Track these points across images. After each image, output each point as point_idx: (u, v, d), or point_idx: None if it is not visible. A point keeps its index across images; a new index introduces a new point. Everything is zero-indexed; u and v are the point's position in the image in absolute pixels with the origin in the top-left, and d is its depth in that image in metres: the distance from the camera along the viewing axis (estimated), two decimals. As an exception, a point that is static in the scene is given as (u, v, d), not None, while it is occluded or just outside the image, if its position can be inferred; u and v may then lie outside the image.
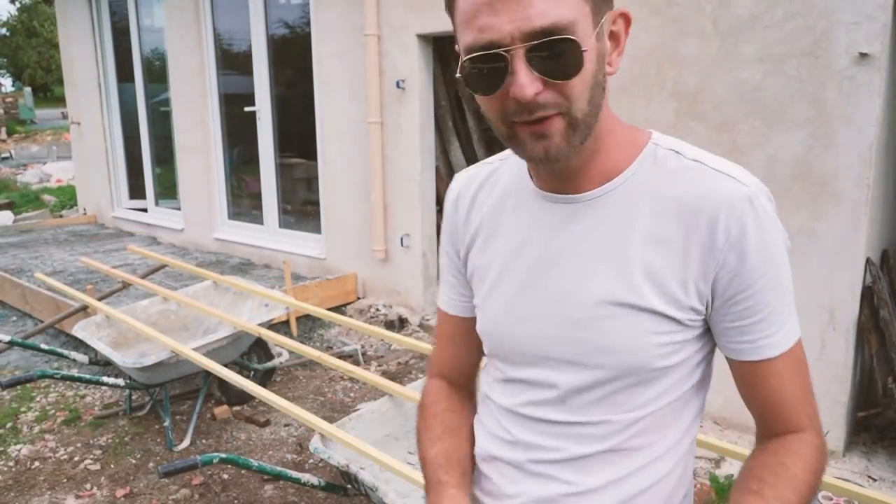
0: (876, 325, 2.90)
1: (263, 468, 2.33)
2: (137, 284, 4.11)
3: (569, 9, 0.72)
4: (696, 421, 0.92)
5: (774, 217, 0.81)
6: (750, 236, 0.78)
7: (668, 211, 0.81)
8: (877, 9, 2.67)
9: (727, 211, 0.78)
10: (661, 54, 3.26)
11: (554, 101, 0.74)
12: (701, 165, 0.82)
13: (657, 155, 0.84)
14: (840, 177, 2.84)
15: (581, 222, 0.85)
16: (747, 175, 0.82)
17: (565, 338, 0.86)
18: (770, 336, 0.82)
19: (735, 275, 0.80)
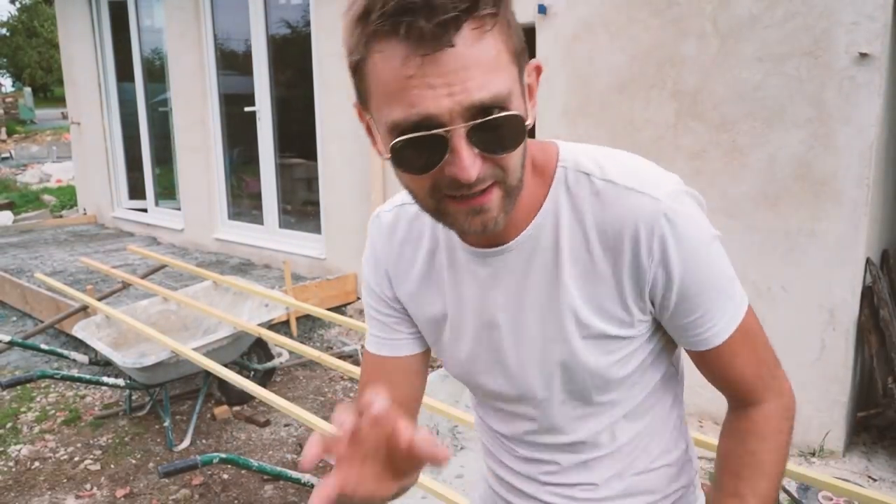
0: (876, 324, 2.90)
1: (263, 468, 2.33)
2: (137, 285, 4.11)
3: (504, 78, 0.67)
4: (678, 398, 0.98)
5: (694, 217, 0.80)
6: (671, 253, 0.78)
7: (591, 242, 0.81)
8: (877, 9, 2.67)
9: (646, 231, 0.78)
10: (661, 54, 3.26)
11: (491, 174, 0.71)
12: (612, 186, 0.79)
13: (568, 181, 0.82)
14: (840, 177, 2.84)
15: (512, 273, 0.85)
16: (660, 181, 0.80)
17: (530, 385, 0.89)
18: (712, 327, 0.84)
19: (666, 288, 0.81)
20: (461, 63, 0.64)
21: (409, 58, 0.64)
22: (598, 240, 0.80)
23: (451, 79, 0.64)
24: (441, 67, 0.64)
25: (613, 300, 0.82)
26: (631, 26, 3.33)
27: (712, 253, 0.81)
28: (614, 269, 0.81)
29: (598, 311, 0.83)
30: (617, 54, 3.38)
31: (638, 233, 0.78)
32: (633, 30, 3.32)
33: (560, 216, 0.81)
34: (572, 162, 0.82)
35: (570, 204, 0.81)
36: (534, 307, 0.85)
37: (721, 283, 0.83)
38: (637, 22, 3.31)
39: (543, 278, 0.83)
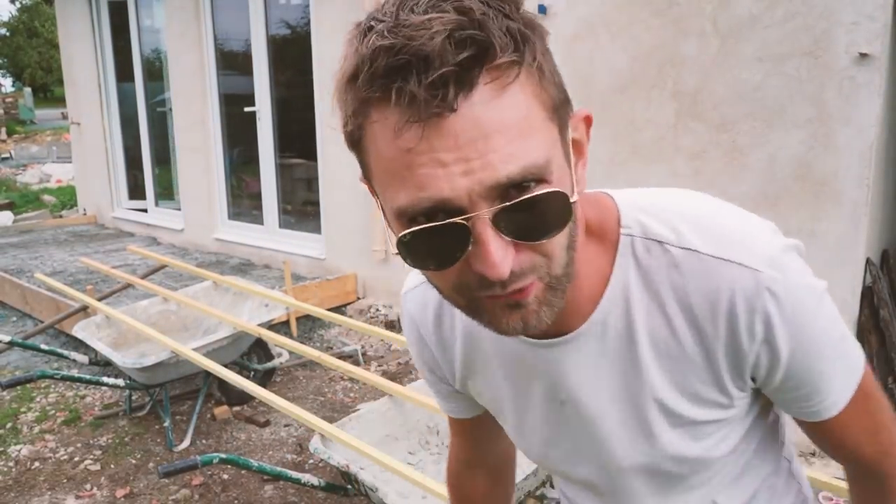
0: (876, 325, 2.90)
1: (263, 468, 2.33)
2: (137, 285, 4.11)
3: (539, 142, 0.53)
4: (786, 444, 0.87)
5: (801, 281, 0.66)
6: (777, 330, 0.65)
7: (674, 321, 0.67)
8: (877, 9, 2.67)
9: (745, 309, 0.64)
10: (661, 54, 3.26)
11: (531, 266, 0.57)
12: (695, 255, 0.65)
13: (636, 252, 0.67)
14: (840, 177, 2.83)
15: (580, 364, 0.72)
16: (755, 244, 0.65)
17: (612, 478, 0.79)
18: (824, 399, 0.71)
19: (771, 367, 0.68)
20: (478, 130, 0.50)
21: (406, 128, 0.51)
22: (682, 318, 0.67)
23: (467, 152, 0.50)
24: (451, 138, 0.50)
25: (707, 384, 0.70)
26: (631, 26, 3.33)
27: (823, 316, 0.68)
28: (706, 351, 0.67)
29: (689, 398, 0.71)
30: (617, 54, 3.38)
31: (734, 311, 0.64)
32: (634, 30, 3.32)
33: (632, 294, 0.68)
34: (638, 227, 0.67)
35: (641, 279, 0.67)
36: (610, 400, 0.73)
37: (834, 348, 0.69)
38: (637, 22, 3.31)
39: (618, 368, 0.71)
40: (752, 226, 0.67)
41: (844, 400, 0.72)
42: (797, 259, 0.67)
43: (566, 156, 0.57)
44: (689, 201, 0.70)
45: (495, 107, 0.51)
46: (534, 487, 2.17)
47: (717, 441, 0.74)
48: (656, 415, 0.72)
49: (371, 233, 4.72)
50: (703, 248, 0.65)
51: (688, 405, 0.71)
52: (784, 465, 0.87)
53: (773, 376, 0.69)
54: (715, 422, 0.73)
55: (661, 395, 0.71)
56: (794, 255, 0.67)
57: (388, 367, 4.08)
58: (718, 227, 0.66)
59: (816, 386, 0.70)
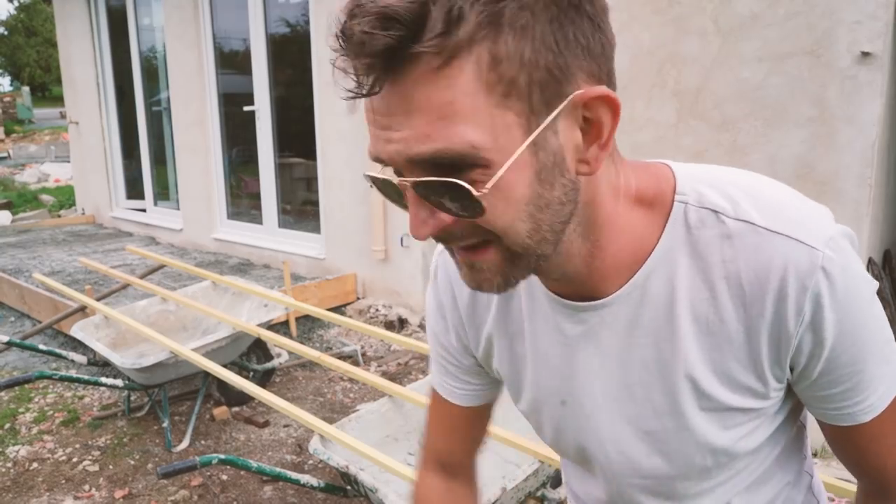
0: (878, 325, 2.89)
1: (262, 469, 2.32)
2: (136, 285, 4.09)
3: (465, 128, 0.52)
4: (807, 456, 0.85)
5: (857, 268, 0.64)
6: (827, 315, 0.63)
7: (720, 296, 0.65)
8: (879, 7, 2.66)
9: (797, 287, 0.62)
10: (662, 53, 3.25)
11: (474, 232, 0.58)
12: (751, 227, 0.63)
13: (689, 220, 0.65)
14: (842, 176, 2.83)
15: (612, 330, 0.70)
16: (813, 223, 0.63)
17: (630, 462, 0.76)
18: (861, 402, 0.68)
19: (812, 356, 0.65)
20: (404, 106, 0.53)
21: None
22: (728, 294, 0.64)
23: (393, 123, 0.54)
24: (386, 108, 0.54)
25: (745, 367, 0.67)
26: (632, 25, 3.32)
27: (874, 312, 0.65)
28: (748, 331, 0.65)
29: (724, 380, 0.68)
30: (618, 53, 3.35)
31: (786, 288, 0.62)
32: (634, 28, 3.31)
33: (677, 263, 0.66)
34: (695, 195, 0.65)
35: (691, 248, 0.65)
36: (639, 372, 0.70)
37: (880, 349, 0.66)
38: (638, 20, 3.30)
39: (653, 338, 0.69)
40: (812, 207, 0.66)
41: (881, 406, 0.68)
42: (852, 248, 0.65)
43: (535, 141, 0.55)
44: (750, 177, 0.68)
45: (427, 84, 0.52)
46: (534, 488, 2.16)
47: (745, 434, 0.71)
48: (687, 393, 0.69)
49: (371, 233, 4.71)
50: (760, 220, 0.63)
51: (721, 388, 0.68)
52: (805, 479, 0.84)
53: (812, 366, 0.66)
54: (746, 411, 0.70)
55: (695, 373, 0.68)
56: (849, 243, 0.65)
57: (387, 367, 4.07)
58: (778, 203, 0.64)
59: (855, 385, 0.67)
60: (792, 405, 0.75)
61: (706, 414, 0.70)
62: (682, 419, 0.70)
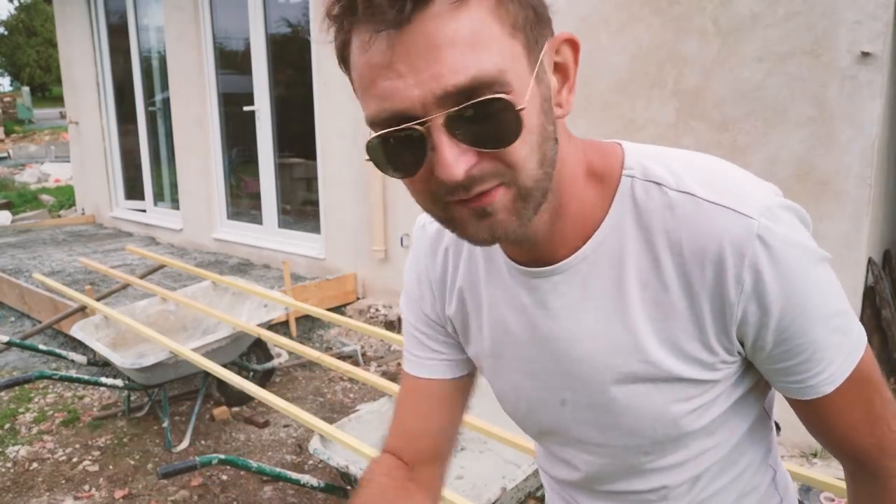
0: (878, 325, 2.89)
1: (262, 469, 2.32)
2: (136, 285, 4.09)
3: (491, 55, 0.55)
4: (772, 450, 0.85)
5: (796, 237, 0.65)
6: (768, 283, 0.64)
7: (663, 265, 0.67)
8: (878, 7, 2.66)
9: (734, 256, 0.63)
10: (662, 53, 3.25)
11: (493, 172, 0.59)
12: (691, 198, 0.65)
13: (636, 192, 0.68)
14: (842, 176, 2.83)
15: (564, 297, 0.72)
16: (751, 195, 0.65)
17: (585, 422, 0.77)
18: (819, 374, 0.69)
19: (760, 326, 0.66)
20: (431, 42, 0.54)
21: (372, 41, 0.56)
22: (671, 263, 0.66)
23: (419, 63, 0.54)
24: (407, 51, 0.54)
25: (691, 337, 0.68)
26: (632, 25, 3.31)
27: (820, 280, 0.66)
28: (691, 301, 0.67)
29: (671, 349, 0.69)
30: (618, 53, 3.37)
31: (723, 257, 0.64)
32: (634, 29, 3.31)
33: (625, 233, 0.68)
34: (640, 169, 0.68)
35: (637, 219, 0.68)
36: (589, 339, 0.72)
37: (832, 318, 0.67)
38: (638, 21, 3.30)
39: (602, 307, 0.70)
40: (755, 182, 0.68)
41: (841, 377, 0.69)
42: (794, 218, 0.66)
43: (536, 74, 0.59)
44: (695, 154, 0.71)
45: (448, 21, 0.54)
46: (534, 488, 2.16)
47: (695, 408, 0.72)
48: (636, 362, 0.70)
49: (371, 233, 4.71)
50: (700, 192, 0.65)
51: (669, 357, 0.69)
52: (769, 472, 0.84)
53: (762, 338, 0.67)
54: (695, 382, 0.70)
55: (643, 343, 0.69)
56: (791, 214, 0.66)
57: (387, 367, 4.07)
58: (720, 177, 0.67)
59: (811, 357, 0.68)
60: (750, 385, 0.76)
61: (656, 385, 0.70)
62: (631, 388, 0.71)
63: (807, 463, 2.92)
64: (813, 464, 2.92)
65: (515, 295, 0.76)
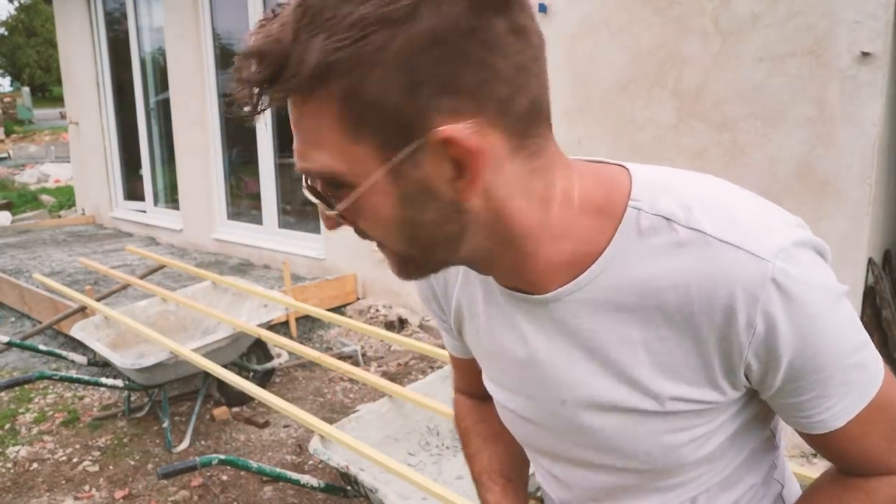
0: (878, 325, 2.89)
1: (263, 469, 2.32)
2: (136, 285, 4.09)
3: (324, 156, 0.59)
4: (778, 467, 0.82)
5: (815, 277, 0.61)
6: (781, 328, 0.61)
7: (668, 305, 0.63)
8: (879, 7, 2.66)
9: (746, 301, 0.60)
10: (662, 54, 3.25)
11: (367, 235, 0.64)
12: (702, 237, 0.62)
13: (641, 226, 0.64)
14: (842, 177, 2.83)
15: (555, 329, 0.70)
16: (767, 234, 0.61)
17: (577, 446, 0.76)
18: (829, 408, 0.65)
19: (769, 368, 0.64)
20: (294, 124, 0.61)
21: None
22: (677, 303, 0.63)
23: (295, 134, 0.62)
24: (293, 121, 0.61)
25: (696, 375, 0.66)
26: (632, 25, 3.32)
27: (838, 319, 0.62)
28: (696, 341, 0.64)
29: (674, 384, 0.66)
30: (618, 53, 3.37)
31: (734, 301, 0.60)
32: (635, 29, 3.31)
33: (626, 268, 0.65)
34: (648, 201, 0.65)
35: (639, 255, 0.64)
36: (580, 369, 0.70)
37: (849, 355, 0.64)
38: (638, 21, 3.30)
39: (599, 339, 0.68)
40: (770, 215, 0.64)
41: (853, 411, 0.66)
42: (814, 256, 0.62)
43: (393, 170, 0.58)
44: (710, 184, 0.67)
45: (298, 112, 0.59)
46: (534, 489, 2.16)
47: (696, 438, 0.69)
48: (635, 396, 0.68)
49: (370, 233, 4.71)
50: (711, 230, 0.62)
51: (670, 386, 0.67)
52: (775, 487, 0.82)
53: (771, 378, 0.64)
54: (696, 413, 0.68)
55: (642, 376, 0.67)
56: (809, 251, 0.62)
57: (387, 367, 4.07)
58: (732, 212, 0.63)
59: (822, 393, 0.64)
60: (756, 410, 0.73)
61: (653, 415, 0.68)
62: (626, 418, 0.70)
63: (807, 463, 2.91)
64: (813, 464, 2.92)
65: (507, 317, 0.75)
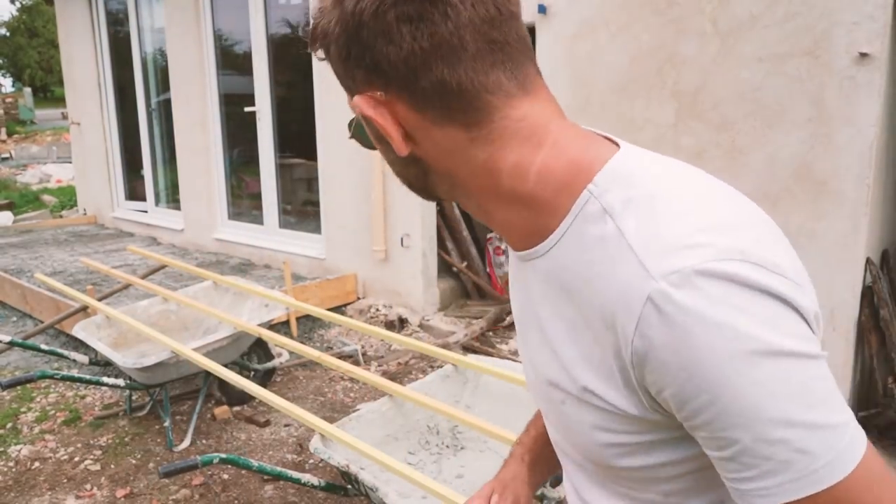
0: (876, 325, 2.89)
1: (263, 468, 2.33)
2: (137, 285, 4.10)
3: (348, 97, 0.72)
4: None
5: (707, 311, 0.53)
6: (660, 356, 0.55)
7: (583, 297, 0.62)
8: (877, 8, 2.67)
9: (625, 315, 0.57)
10: (661, 54, 3.26)
11: None
12: (619, 237, 0.58)
13: (587, 211, 0.62)
14: (840, 177, 2.83)
15: (528, 286, 0.72)
16: (676, 251, 0.55)
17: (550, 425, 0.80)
18: (750, 480, 0.56)
19: (670, 395, 0.57)
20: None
21: None
22: (589, 298, 0.61)
23: None
24: None
25: (607, 374, 0.62)
26: (631, 26, 3.32)
27: (751, 378, 0.53)
28: (603, 343, 0.61)
29: (589, 370, 0.64)
30: (617, 54, 3.38)
31: (616, 312, 0.58)
32: (634, 29, 3.32)
33: (565, 250, 0.64)
34: (602, 189, 0.62)
35: (578, 239, 0.63)
36: (537, 329, 0.71)
37: (763, 427, 0.54)
38: (637, 21, 3.31)
39: (542, 310, 0.69)
40: (712, 236, 0.56)
41: (782, 497, 0.55)
42: (736, 292, 0.53)
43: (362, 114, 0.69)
44: (688, 185, 0.64)
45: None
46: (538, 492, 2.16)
47: (620, 444, 0.65)
48: (566, 380, 0.67)
49: (371, 233, 4.72)
50: (631, 233, 0.58)
51: (592, 382, 0.64)
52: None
53: (674, 407, 0.58)
54: (616, 415, 0.63)
55: (566, 359, 0.66)
56: (727, 286, 0.53)
57: (388, 367, 4.08)
58: (668, 221, 0.57)
59: (735, 458, 0.56)
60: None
61: (578, 402, 0.66)
62: (567, 400, 0.68)
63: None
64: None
65: (512, 273, 0.79)
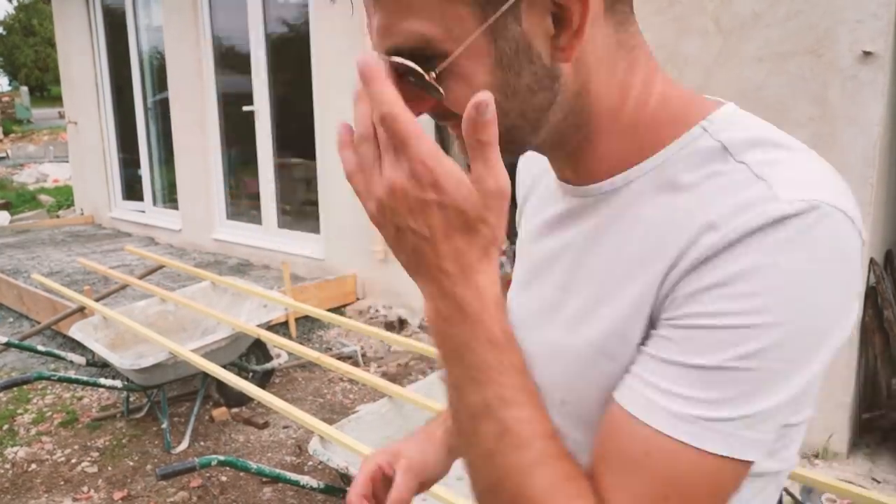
0: (880, 325, 2.88)
1: (262, 470, 2.31)
2: (135, 285, 4.08)
3: (417, 22, 0.55)
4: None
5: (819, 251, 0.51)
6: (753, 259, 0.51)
7: (656, 234, 0.57)
8: (880, 7, 2.65)
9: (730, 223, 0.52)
10: (663, 53, 3.24)
11: (452, 114, 0.59)
12: (742, 172, 0.55)
13: (698, 147, 0.58)
14: (843, 176, 2.81)
15: (582, 224, 0.65)
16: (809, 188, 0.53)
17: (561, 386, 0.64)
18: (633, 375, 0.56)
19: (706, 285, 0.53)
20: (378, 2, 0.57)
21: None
22: (660, 237, 0.56)
23: (373, 13, 0.57)
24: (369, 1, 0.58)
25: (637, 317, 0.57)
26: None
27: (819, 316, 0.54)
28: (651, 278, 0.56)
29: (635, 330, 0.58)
30: (618, 53, 3.36)
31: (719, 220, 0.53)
32: (635, 28, 3.30)
33: (662, 180, 0.59)
34: (719, 126, 0.59)
35: (681, 173, 0.58)
36: (592, 277, 0.63)
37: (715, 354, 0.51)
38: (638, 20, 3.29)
39: (610, 249, 0.62)
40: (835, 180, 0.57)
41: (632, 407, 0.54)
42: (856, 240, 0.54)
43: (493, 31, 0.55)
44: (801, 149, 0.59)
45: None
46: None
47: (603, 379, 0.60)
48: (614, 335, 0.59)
49: (371, 233, 4.70)
50: (755, 164, 0.55)
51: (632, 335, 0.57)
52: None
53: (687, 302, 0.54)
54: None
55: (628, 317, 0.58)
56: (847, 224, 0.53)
57: (387, 368, 4.06)
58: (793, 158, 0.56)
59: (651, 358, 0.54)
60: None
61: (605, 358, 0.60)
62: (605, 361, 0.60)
63: (809, 464, 2.91)
64: (815, 465, 2.91)
65: (549, 206, 0.71)
